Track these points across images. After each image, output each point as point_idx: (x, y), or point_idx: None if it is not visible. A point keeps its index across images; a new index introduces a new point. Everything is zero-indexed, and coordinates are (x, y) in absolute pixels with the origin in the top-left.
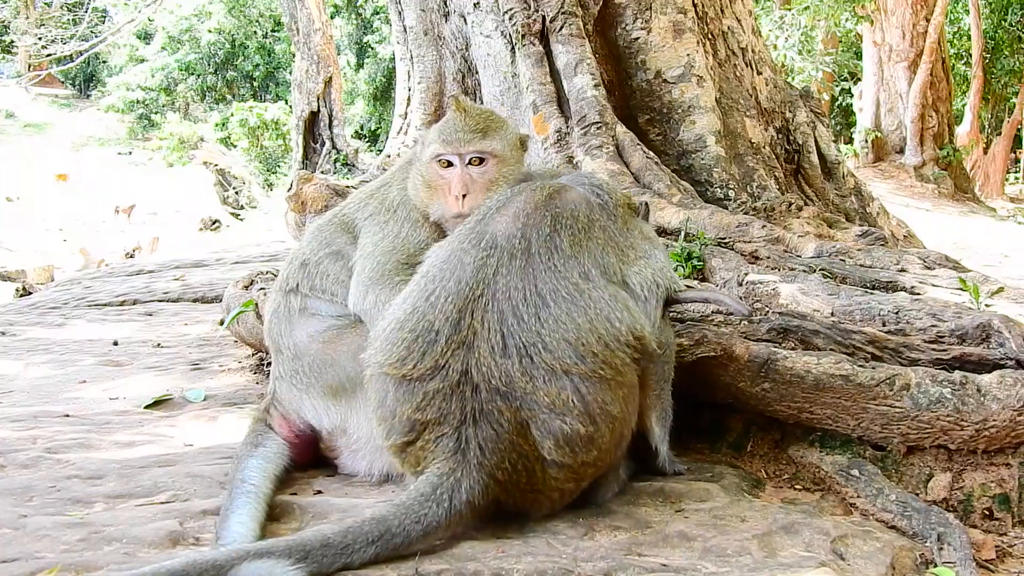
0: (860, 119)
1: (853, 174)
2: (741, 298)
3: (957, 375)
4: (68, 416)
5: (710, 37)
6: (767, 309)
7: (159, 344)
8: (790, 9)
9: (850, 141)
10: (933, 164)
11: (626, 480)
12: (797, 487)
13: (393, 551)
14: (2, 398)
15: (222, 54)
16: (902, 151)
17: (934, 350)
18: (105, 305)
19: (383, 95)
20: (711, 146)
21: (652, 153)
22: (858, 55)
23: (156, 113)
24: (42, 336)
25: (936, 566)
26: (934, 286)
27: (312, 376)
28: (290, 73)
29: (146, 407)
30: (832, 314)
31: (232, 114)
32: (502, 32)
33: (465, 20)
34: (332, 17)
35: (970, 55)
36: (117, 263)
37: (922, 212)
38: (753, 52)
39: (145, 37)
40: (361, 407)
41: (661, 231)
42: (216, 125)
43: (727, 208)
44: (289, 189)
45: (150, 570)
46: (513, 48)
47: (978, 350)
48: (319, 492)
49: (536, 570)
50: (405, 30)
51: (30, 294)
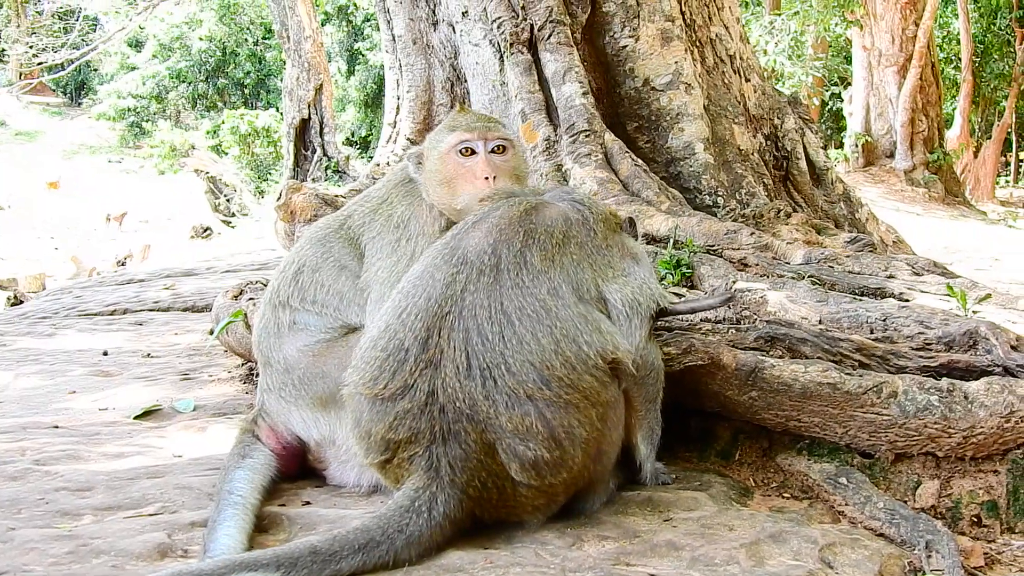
0: (850, 124)
1: (842, 180)
2: (729, 306)
3: (944, 382)
4: (57, 427)
5: (698, 44)
6: (755, 317)
7: (149, 354)
8: (780, 14)
9: (840, 146)
10: (923, 168)
11: (615, 489)
12: (785, 495)
13: (379, 560)
14: None
15: (213, 62)
16: (892, 155)
17: (921, 357)
18: (95, 314)
19: (374, 102)
20: (699, 153)
21: (641, 160)
22: (848, 60)
23: (147, 121)
24: (32, 346)
25: (925, 574)
26: (922, 292)
27: (302, 388)
28: (281, 80)
29: (135, 418)
30: (820, 322)
31: (223, 121)
32: (490, 41)
33: (454, 29)
34: (323, 24)
35: (959, 59)
36: (108, 271)
37: (912, 216)
38: (741, 59)
39: (136, 45)
40: (349, 418)
41: (650, 239)
42: (207, 132)
43: (716, 215)
44: (278, 199)
45: None
46: (501, 57)
47: (965, 357)
48: (307, 503)
49: None
50: (394, 39)
51: (22, 303)
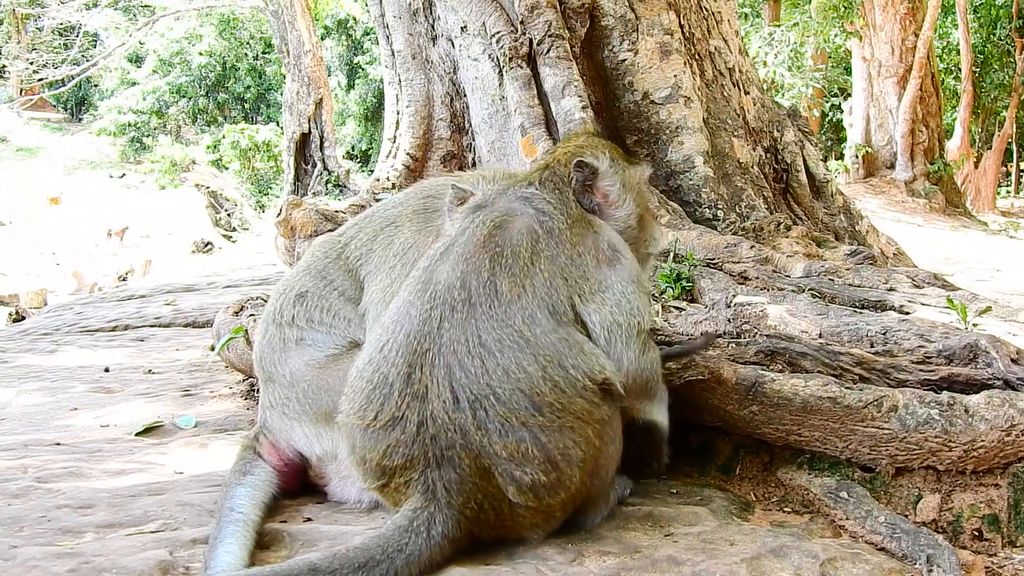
0: (850, 135)
1: (842, 192)
2: (729, 320)
3: (945, 396)
4: (59, 444)
5: (697, 58)
6: (755, 331)
7: (150, 370)
8: (779, 26)
9: (840, 157)
10: (924, 179)
11: (616, 504)
12: (786, 510)
13: None
14: None
15: (213, 76)
16: (893, 166)
17: (922, 371)
18: (97, 331)
19: (374, 115)
20: (699, 166)
21: None
22: (848, 71)
23: (148, 136)
24: (34, 363)
25: None
26: (923, 305)
27: (306, 403)
28: (281, 95)
29: (137, 434)
30: (820, 335)
31: (223, 136)
32: (490, 55)
33: (453, 44)
34: (322, 39)
35: (959, 69)
36: (109, 287)
37: (913, 227)
38: (740, 72)
39: (136, 60)
40: (344, 444)
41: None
42: (207, 147)
43: (716, 228)
44: (278, 214)
45: None
46: (501, 71)
47: (966, 370)
48: (308, 520)
49: None
50: (393, 54)
51: (23, 319)
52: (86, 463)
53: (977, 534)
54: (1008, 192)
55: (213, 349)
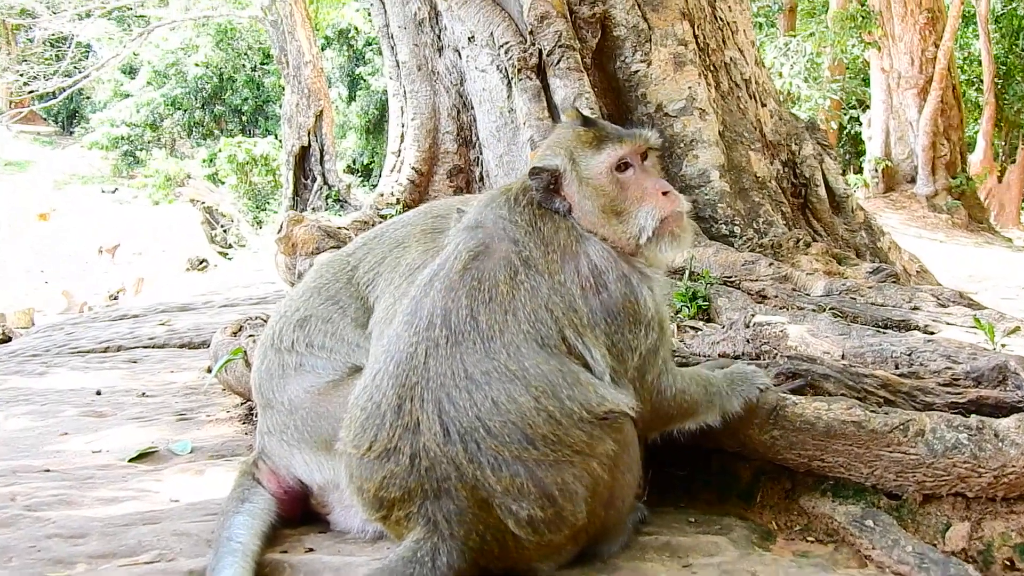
0: (869, 148)
1: (863, 208)
2: (747, 340)
3: (973, 419)
4: (49, 471)
5: (712, 69)
6: (775, 352)
7: (144, 393)
8: (795, 36)
9: (859, 171)
10: (946, 194)
11: (632, 531)
12: (809, 539)
13: None
14: None
15: (209, 88)
16: (913, 180)
17: (949, 393)
18: (88, 352)
19: (376, 128)
20: (715, 181)
21: None
22: (866, 82)
23: (141, 150)
24: (22, 385)
25: None
26: (948, 324)
27: (305, 430)
28: (280, 107)
29: (130, 460)
30: (843, 356)
31: (220, 150)
32: (498, 66)
33: (460, 55)
34: (323, 49)
35: (981, 81)
36: (100, 307)
37: (935, 243)
38: (757, 84)
39: (130, 72)
40: (344, 473)
41: (666, 273)
42: (203, 161)
43: (732, 245)
44: (279, 231)
45: None
46: (509, 83)
47: (995, 393)
48: (310, 550)
49: None
50: (398, 65)
51: (10, 339)
52: (77, 490)
53: (1009, 564)
54: None
55: (210, 371)
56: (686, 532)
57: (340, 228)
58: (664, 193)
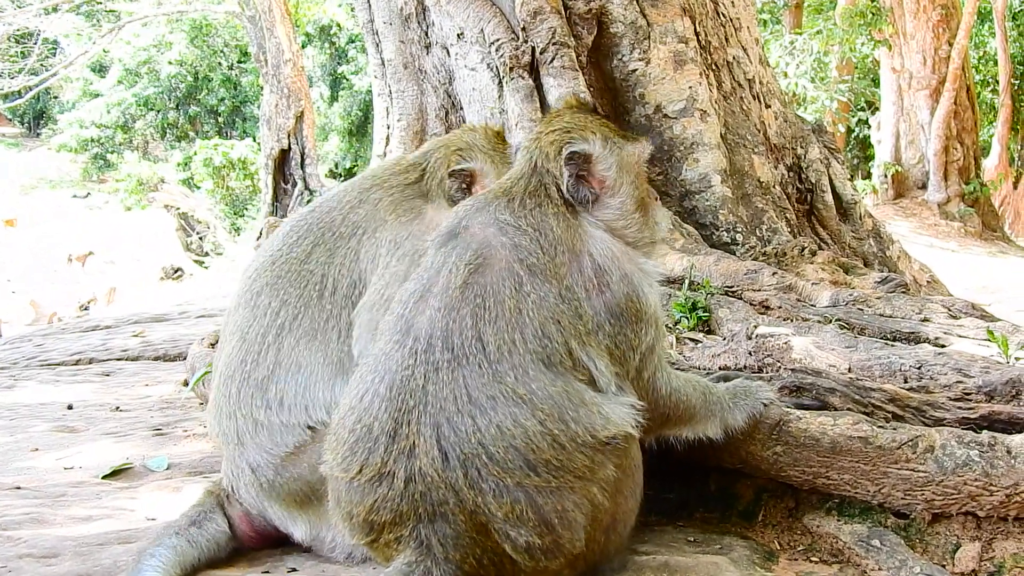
0: (879, 152)
1: (871, 215)
2: (750, 353)
3: (985, 436)
4: (19, 488)
5: (714, 68)
6: (779, 365)
7: (118, 407)
8: (801, 34)
9: (868, 176)
10: (958, 200)
11: (629, 554)
12: (813, 559)
13: None
14: None
15: (184, 87)
16: (925, 186)
17: (960, 408)
18: (58, 364)
19: (359, 130)
20: (716, 186)
21: None
22: (875, 82)
23: (112, 152)
24: None
25: None
26: (960, 337)
27: (273, 491)
28: (258, 107)
29: (104, 477)
30: (849, 369)
31: (195, 153)
32: (488, 65)
33: (448, 52)
34: (303, 47)
35: (997, 81)
36: (71, 318)
37: (947, 253)
38: (761, 83)
39: (100, 70)
40: (330, 497)
41: (664, 280)
42: (178, 165)
43: (734, 253)
44: (258, 238)
45: None
46: (500, 82)
47: (1008, 408)
48: (293, 570)
49: None
50: (383, 63)
51: None
52: (49, 509)
53: None
54: None
55: (187, 384)
56: (685, 552)
57: None
58: None
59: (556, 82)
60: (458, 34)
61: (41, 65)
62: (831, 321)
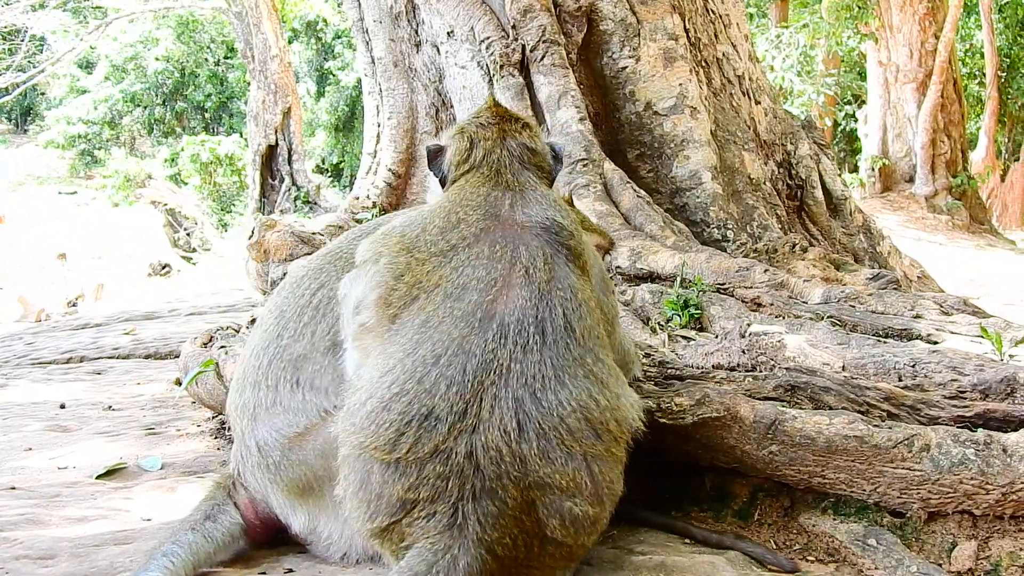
0: (866, 145)
1: (861, 210)
2: (743, 351)
3: (981, 434)
4: (13, 488)
5: (704, 65)
6: (773, 363)
7: (110, 406)
8: (787, 27)
9: (855, 170)
10: (946, 193)
11: (624, 554)
12: (809, 559)
13: None
14: None
15: (171, 83)
16: (912, 180)
17: (955, 407)
18: (50, 363)
19: (346, 126)
20: (707, 183)
21: (643, 191)
22: (862, 76)
23: (99, 148)
24: None
25: None
26: (953, 334)
27: (279, 474)
28: (245, 103)
29: (98, 477)
30: (843, 368)
31: (182, 149)
32: (479, 63)
33: (438, 50)
34: (290, 42)
35: (984, 74)
36: (59, 314)
37: (935, 246)
38: (750, 80)
39: (87, 66)
40: (331, 507)
41: (655, 276)
42: (165, 161)
43: (726, 250)
44: (250, 236)
45: None
46: (491, 80)
47: (1003, 406)
48: (290, 571)
49: None
50: (373, 61)
51: None
52: (44, 509)
53: None
54: None
55: (179, 383)
56: (681, 552)
57: (315, 233)
58: None
59: (546, 80)
60: (448, 32)
61: (28, 62)
62: (823, 318)
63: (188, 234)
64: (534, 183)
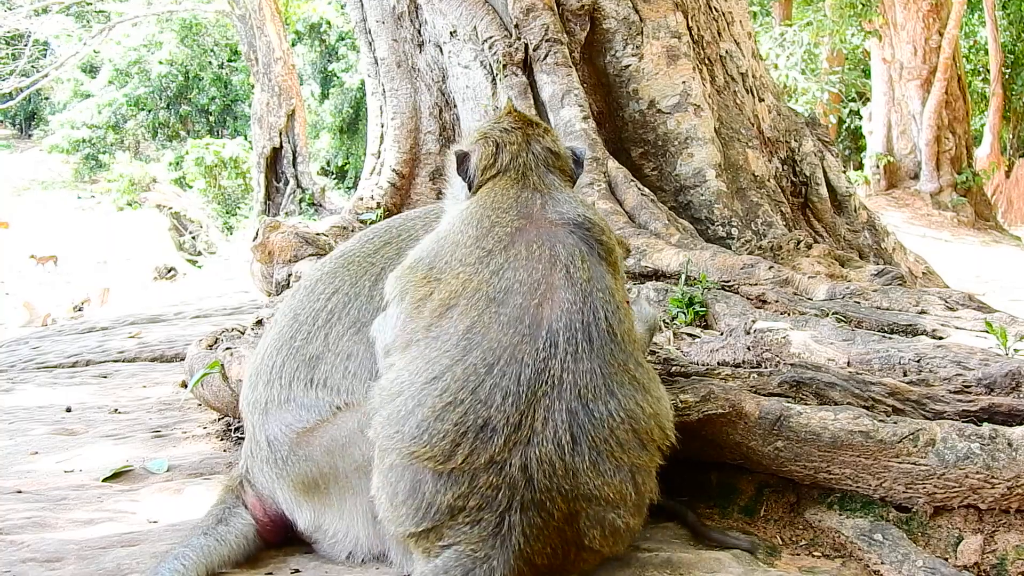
0: (870, 143)
1: (866, 207)
2: (748, 348)
3: (986, 428)
4: (20, 492)
5: (707, 62)
6: (778, 359)
7: (116, 409)
8: (791, 25)
9: (860, 167)
10: (951, 190)
11: (630, 551)
12: (816, 554)
13: None
14: None
15: (175, 87)
16: (917, 177)
17: (960, 401)
18: (56, 367)
19: (351, 128)
20: (711, 180)
21: (647, 189)
22: (866, 73)
23: (104, 153)
24: None
25: None
26: (958, 329)
27: (285, 467)
28: (249, 106)
29: (104, 480)
30: (848, 363)
31: (187, 152)
32: (482, 62)
33: (441, 50)
34: (293, 45)
35: (988, 71)
36: (65, 319)
37: (940, 243)
38: (754, 77)
39: (91, 71)
40: (336, 505)
41: (659, 274)
42: (169, 164)
43: (730, 248)
44: (255, 238)
45: None
46: (494, 79)
47: (1008, 400)
48: (296, 571)
49: None
50: (376, 62)
51: None
52: (51, 512)
53: None
54: None
55: (185, 386)
56: (687, 548)
57: (319, 235)
58: None
59: (549, 79)
60: (451, 32)
61: (32, 67)
62: (828, 314)
63: (193, 237)
64: (559, 185)
